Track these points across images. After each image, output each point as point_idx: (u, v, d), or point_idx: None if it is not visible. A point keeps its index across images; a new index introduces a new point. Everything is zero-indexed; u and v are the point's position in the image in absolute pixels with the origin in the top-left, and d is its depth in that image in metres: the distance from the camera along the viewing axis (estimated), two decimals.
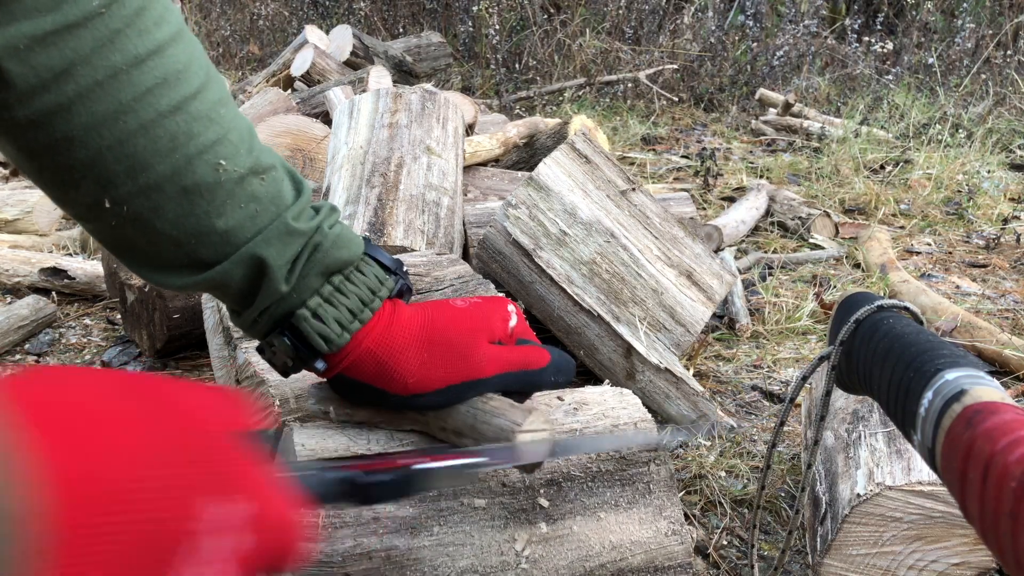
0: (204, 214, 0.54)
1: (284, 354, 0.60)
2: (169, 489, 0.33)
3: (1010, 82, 4.41)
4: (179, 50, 0.52)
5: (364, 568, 0.68)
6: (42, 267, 1.90)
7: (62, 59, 0.47)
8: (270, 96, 2.64)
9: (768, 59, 4.92)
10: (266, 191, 0.56)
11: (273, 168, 0.57)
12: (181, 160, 0.52)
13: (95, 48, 0.48)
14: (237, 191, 0.54)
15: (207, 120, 0.53)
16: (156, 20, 0.51)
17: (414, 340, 0.61)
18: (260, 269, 0.56)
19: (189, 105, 0.52)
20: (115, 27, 0.48)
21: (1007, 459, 0.47)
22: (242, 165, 0.55)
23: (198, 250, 0.55)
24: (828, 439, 1.08)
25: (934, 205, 2.84)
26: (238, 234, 0.55)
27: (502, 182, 2.18)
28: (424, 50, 4.63)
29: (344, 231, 0.60)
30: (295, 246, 0.57)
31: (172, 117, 0.51)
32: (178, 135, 0.51)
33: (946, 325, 1.74)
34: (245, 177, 0.55)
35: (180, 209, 0.53)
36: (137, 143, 0.50)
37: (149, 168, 0.51)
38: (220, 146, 0.53)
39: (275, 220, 0.56)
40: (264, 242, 0.56)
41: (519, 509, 0.74)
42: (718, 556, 1.10)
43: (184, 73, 0.52)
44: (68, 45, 0.47)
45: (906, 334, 0.65)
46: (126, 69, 0.49)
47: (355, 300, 0.60)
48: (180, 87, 0.52)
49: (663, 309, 1.46)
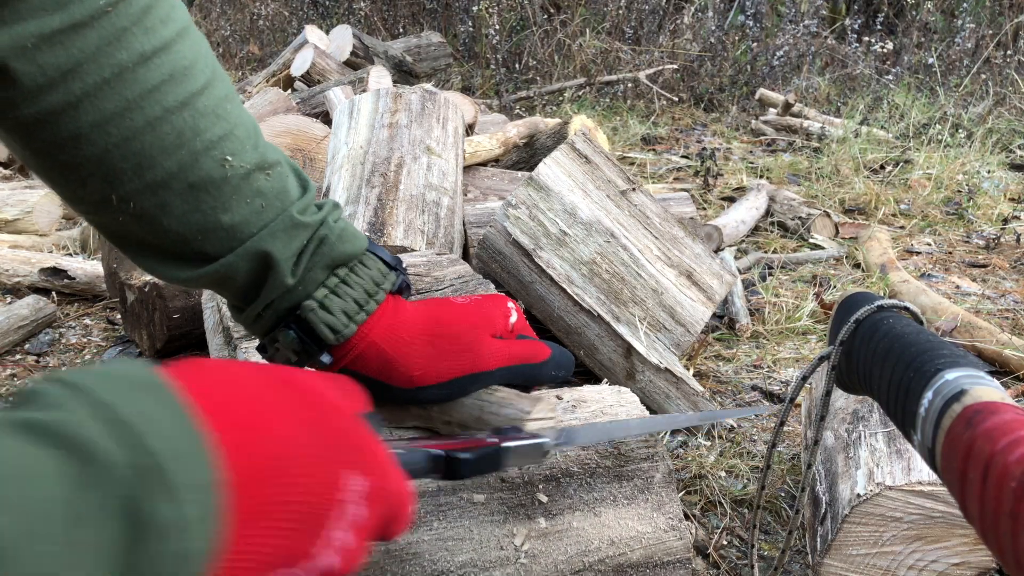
0: (210, 209, 0.54)
1: (288, 349, 0.60)
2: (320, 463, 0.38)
3: (1010, 82, 4.41)
4: (185, 47, 0.53)
5: (363, 563, 0.68)
6: (42, 267, 1.90)
7: (69, 58, 0.47)
8: (270, 96, 2.64)
9: (768, 59, 4.92)
10: (271, 187, 0.57)
11: (278, 164, 0.58)
12: (187, 156, 0.52)
13: (101, 46, 0.48)
14: (243, 186, 0.55)
15: (213, 116, 0.53)
16: (163, 18, 0.51)
17: (418, 333, 0.62)
18: (266, 262, 0.57)
19: (195, 101, 0.52)
20: (122, 25, 0.49)
21: (1007, 459, 0.47)
22: (248, 161, 0.55)
23: (204, 245, 0.55)
24: (828, 439, 1.08)
25: (934, 205, 2.84)
26: (244, 229, 0.55)
27: (502, 182, 2.18)
28: (424, 50, 4.63)
29: (348, 226, 0.61)
30: (300, 239, 0.58)
31: (179, 113, 0.52)
32: (184, 131, 0.52)
33: (946, 325, 1.74)
34: (251, 173, 0.55)
35: (186, 205, 0.53)
36: (144, 140, 0.51)
37: (156, 164, 0.52)
38: (226, 142, 0.54)
39: (280, 214, 0.57)
40: (270, 235, 0.56)
41: (518, 504, 0.74)
42: (718, 556, 1.10)
43: (190, 70, 0.52)
44: (75, 44, 0.47)
45: (906, 334, 0.65)
46: (132, 67, 0.49)
47: (360, 292, 0.60)
48: (186, 84, 0.52)
49: (663, 309, 1.46)
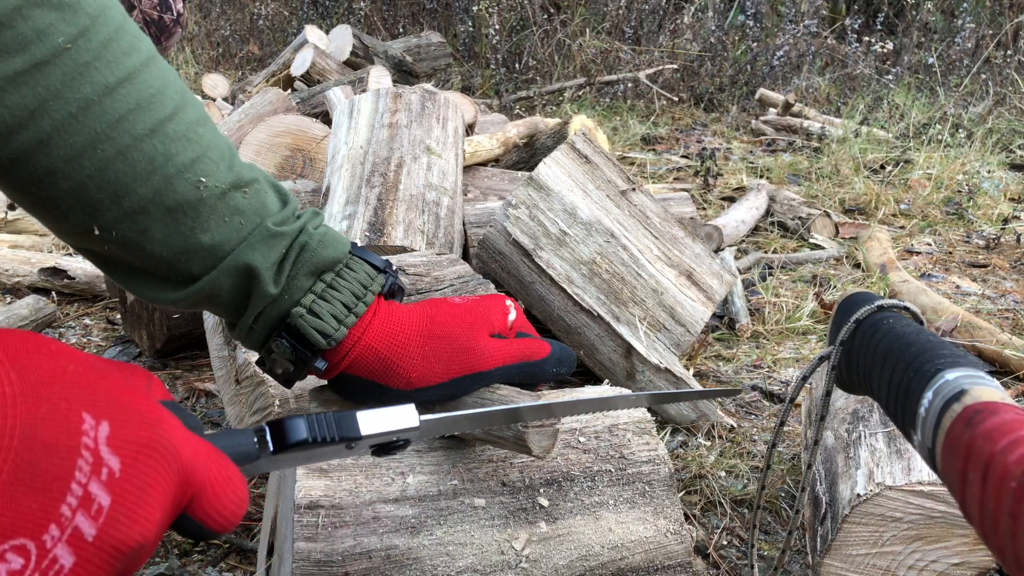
0: (189, 231, 0.55)
1: (284, 358, 0.60)
2: (59, 400, 0.36)
3: (1010, 82, 4.41)
4: (151, 76, 0.53)
5: (364, 567, 0.68)
6: (42, 267, 1.90)
7: (34, 96, 0.48)
8: (270, 96, 2.64)
9: (768, 59, 4.92)
10: (249, 204, 0.57)
11: (256, 181, 0.58)
12: (161, 181, 0.53)
13: (65, 82, 0.49)
14: (220, 206, 0.56)
15: (184, 140, 0.54)
16: (125, 50, 0.52)
17: (415, 334, 0.62)
18: (248, 275, 0.57)
19: (165, 127, 0.53)
20: (83, 60, 0.49)
21: (1007, 459, 0.47)
22: (223, 181, 0.56)
23: (188, 266, 0.56)
24: (828, 439, 1.08)
25: (934, 205, 2.84)
26: (224, 246, 0.56)
27: (502, 182, 2.18)
28: (424, 50, 4.63)
29: (329, 231, 0.62)
30: (279, 248, 0.58)
31: (148, 140, 0.52)
32: (156, 157, 0.53)
33: (946, 325, 1.74)
34: (227, 192, 0.56)
35: (166, 228, 0.54)
36: (117, 169, 0.51)
37: (131, 192, 0.52)
38: (200, 164, 0.55)
39: (257, 227, 0.57)
40: (248, 248, 0.57)
41: (519, 508, 0.74)
42: (718, 556, 1.10)
43: (158, 97, 0.53)
44: (39, 83, 0.48)
45: (906, 334, 0.65)
46: (98, 99, 0.50)
47: (348, 294, 0.60)
48: (154, 111, 0.53)
49: (663, 309, 1.45)
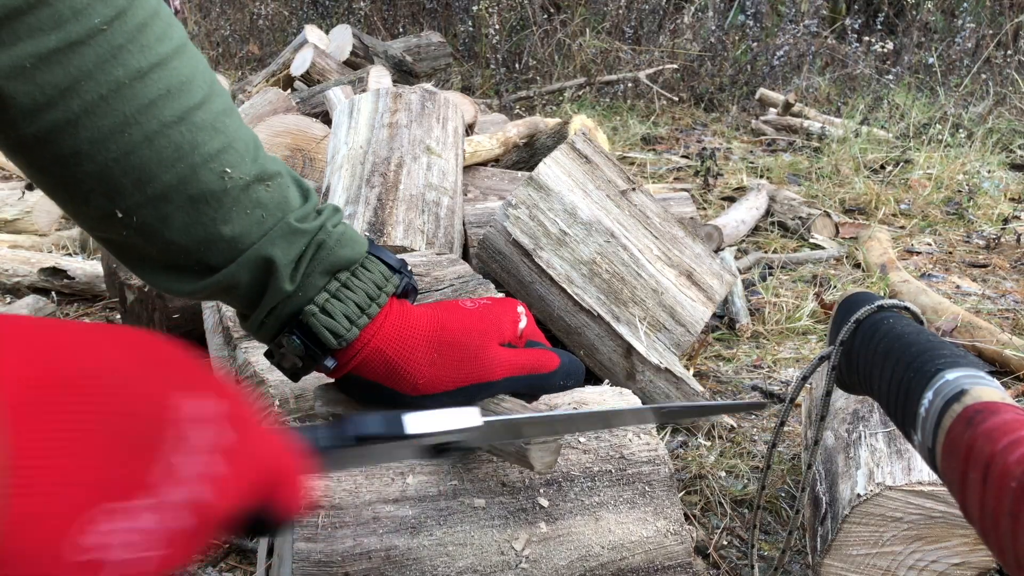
0: (211, 221, 0.55)
1: (293, 354, 0.60)
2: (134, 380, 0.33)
3: (1010, 82, 4.40)
4: (182, 63, 0.53)
5: (364, 568, 0.68)
6: (42, 267, 1.90)
7: (66, 76, 0.48)
8: (270, 96, 2.64)
9: (768, 59, 4.91)
10: (271, 197, 0.57)
11: (279, 175, 0.58)
12: (186, 169, 0.53)
13: (98, 64, 0.49)
14: (243, 198, 0.56)
15: (211, 130, 0.54)
16: (159, 36, 0.52)
17: (424, 340, 0.62)
18: (267, 269, 0.57)
19: (193, 116, 0.53)
20: (117, 43, 0.49)
21: (1007, 459, 0.47)
22: (247, 173, 0.56)
23: (207, 256, 0.56)
24: (828, 439, 1.08)
25: (934, 205, 2.84)
26: (245, 239, 0.56)
27: (502, 182, 2.18)
28: (424, 50, 4.63)
29: (348, 230, 0.61)
30: (299, 245, 0.58)
31: (176, 127, 0.52)
32: (182, 145, 0.53)
33: (946, 325, 1.74)
34: (250, 184, 0.56)
35: (187, 217, 0.54)
36: (143, 154, 0.52)
37: (155, 178, 0.52)
38: (225, 154, 0.55)
39: (279, 222, 0.57)
40: (269, 243, 0.57)
41: (519, 508, 0.74)
42: (718, 556, 1.10)
43: (187, 85, 0.53)
44: (72, 62, 0.48)
45: (906, 334, 0.65)
46: (129, 83, 0.50)
47: (362, 295, 0.60)
48: (183, 98, 0.53)
49: (663, 309, 1.45)
